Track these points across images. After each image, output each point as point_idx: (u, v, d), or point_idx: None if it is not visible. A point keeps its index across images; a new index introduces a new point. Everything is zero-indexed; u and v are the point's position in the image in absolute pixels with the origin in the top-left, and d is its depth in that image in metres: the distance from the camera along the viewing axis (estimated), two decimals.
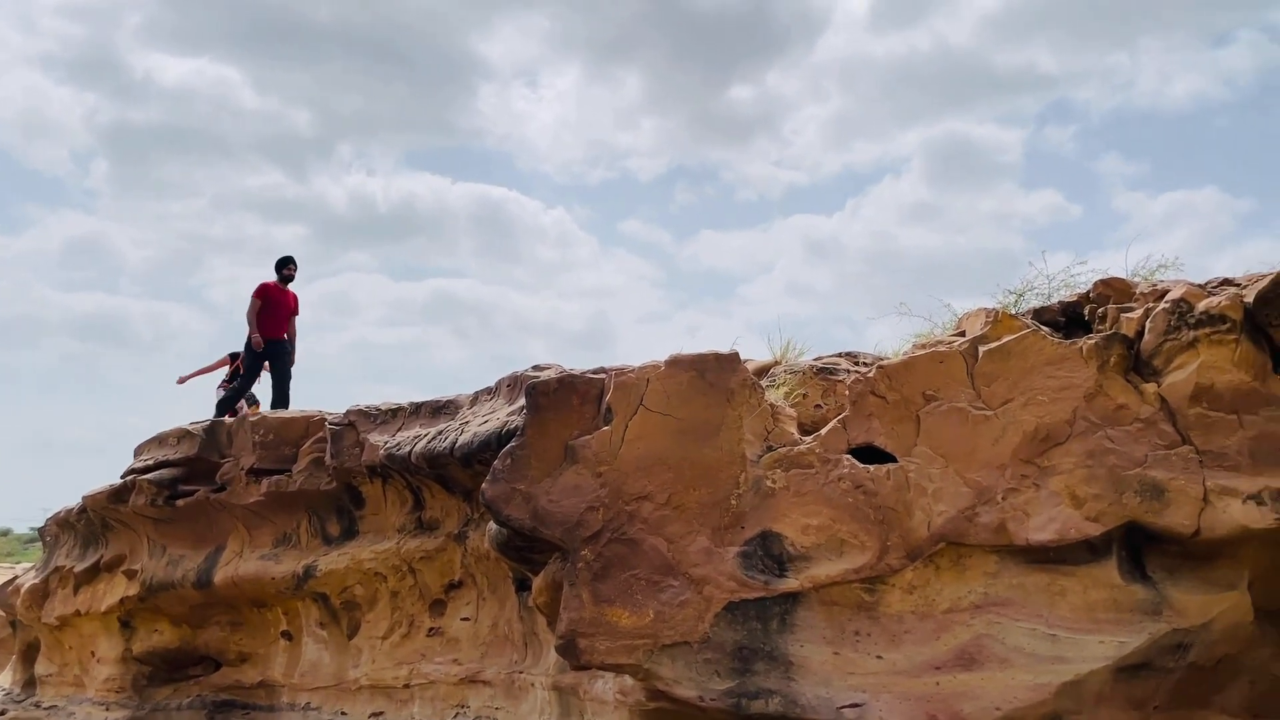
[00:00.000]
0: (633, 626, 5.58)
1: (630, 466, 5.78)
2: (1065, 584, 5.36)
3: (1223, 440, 5.29)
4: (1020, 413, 5.60)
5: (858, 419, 5.85)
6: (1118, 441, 5.43)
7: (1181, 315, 5.53)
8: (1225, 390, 5.36)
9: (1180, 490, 5.25)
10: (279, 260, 12.16)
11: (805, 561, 5.60)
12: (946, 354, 5.86)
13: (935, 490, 5.58)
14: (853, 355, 6.90)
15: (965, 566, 5.52)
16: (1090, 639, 5.22)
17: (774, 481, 5.74)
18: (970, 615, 5.40)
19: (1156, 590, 5.32)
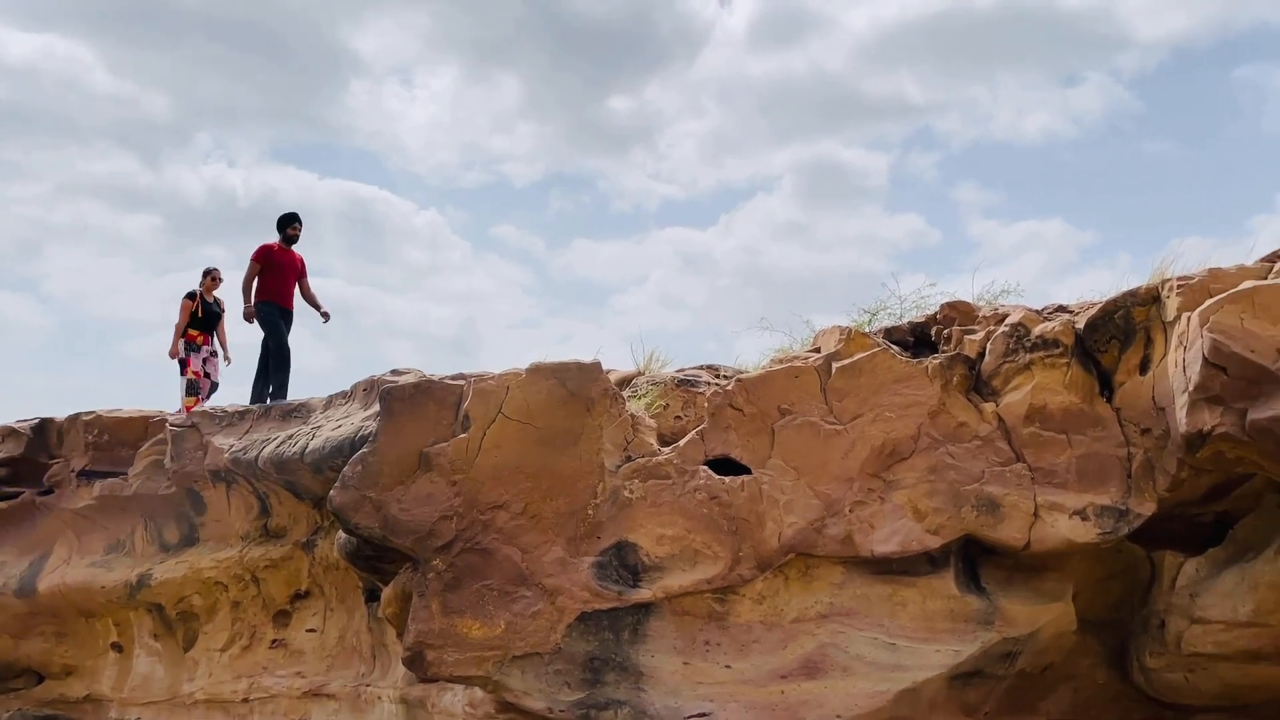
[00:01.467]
0: (483, 638, 5.49)
1: (486, 475, 5.69)
2: (906, 594, 5.55)
3: (1053, 458, 5.59)
4: (869, 428, 5.78)
5: (715, 431, 5.93)
6: (958, 458, 5.66)
7: (1019, 339, 5.82)
8: (1056, 411, 5.66)
9: (1013, 505, 5.52)
10: (282, 218, 10.27)
11: (659, 572, 5.62)
12: (802, 369, 6.00)
13: (787, 502, 5.69)
14: (714, 368, 6.99)
15: (813, 577, 5.65)
16: (927, 648, 5.42)
17: (631, 492, 5.75)
18: (816, 625, 5.53)
19: (990, 601, 5.56)
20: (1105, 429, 5.61)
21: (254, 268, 9.87)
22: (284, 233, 10.11)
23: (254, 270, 9.85)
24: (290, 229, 10.16)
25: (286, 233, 10.11)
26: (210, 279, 10.80)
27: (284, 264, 9.97)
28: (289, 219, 10.24)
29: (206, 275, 10.87)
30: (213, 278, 10.84)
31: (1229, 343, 5.05)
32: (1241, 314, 5.12)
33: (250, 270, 9.90)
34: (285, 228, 10.15)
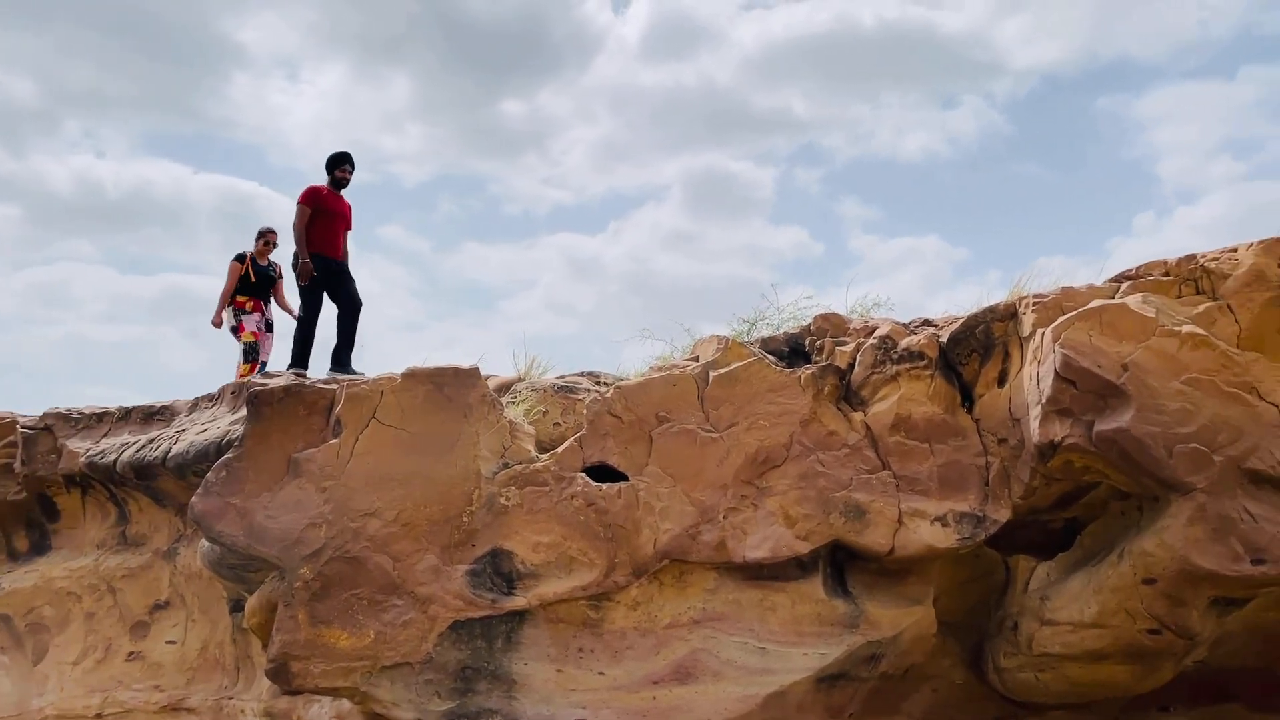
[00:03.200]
0: (351, 648, 5.37)
1: (358, 482, 5.57)
2: (776, 599, 5.66)
3: (916, 466, 5.79)
4: (744, 436, 5.88)
5: (594, 438, 5.94)
6: (828, 465, 5.81)
7: (886, 351, 6.02)
8: (920, 421, 5.87)
9: (879, 512, 5.69)
10: (332, 157, 8.79)
11: (534, 579, 5.60)
12: (680, 378, 6.06)
13: (663, 509, 5.74)
14: (594, 375, 7.01)
15: (687, 583, 5.71)
16: (795, 651, 5.54)
17: (508, 499, 5.72)
18: (689, 630, 5.59)
19: (856, 605, 5.73)
20: (965, 439, 5.85)
21: (304, 212, 8.33)
22: (333, 175, 8.63)
23: (304, 215, 8.32)
24: (340, 171, 8.64)
25: (336, 175, 8.63)
26: (264, 242, 9.43)
27: (333, 211, 8.54)
28: (340, 159, 8.74)
29: (260, 237, 9.49)
30: (266, 240, 9.44)
31: (1078, 358, 5.34)
32: (1090, 331, 5.42)
33: (300, 216, 8.36)
34: (335, 169, 8.65)
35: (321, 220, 8.38)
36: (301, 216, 8.27)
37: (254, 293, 9.15)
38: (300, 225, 8.28)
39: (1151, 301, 5.55)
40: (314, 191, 8.45)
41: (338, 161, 8.68)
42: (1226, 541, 5.06)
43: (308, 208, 8.31)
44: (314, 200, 8.38)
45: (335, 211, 8.53)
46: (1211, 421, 5.17)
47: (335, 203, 8.55)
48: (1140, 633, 5.33)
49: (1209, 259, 5.64)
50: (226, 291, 9.13)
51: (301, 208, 8.32)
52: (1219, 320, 5.43)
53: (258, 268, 9.24)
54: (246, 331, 9.03)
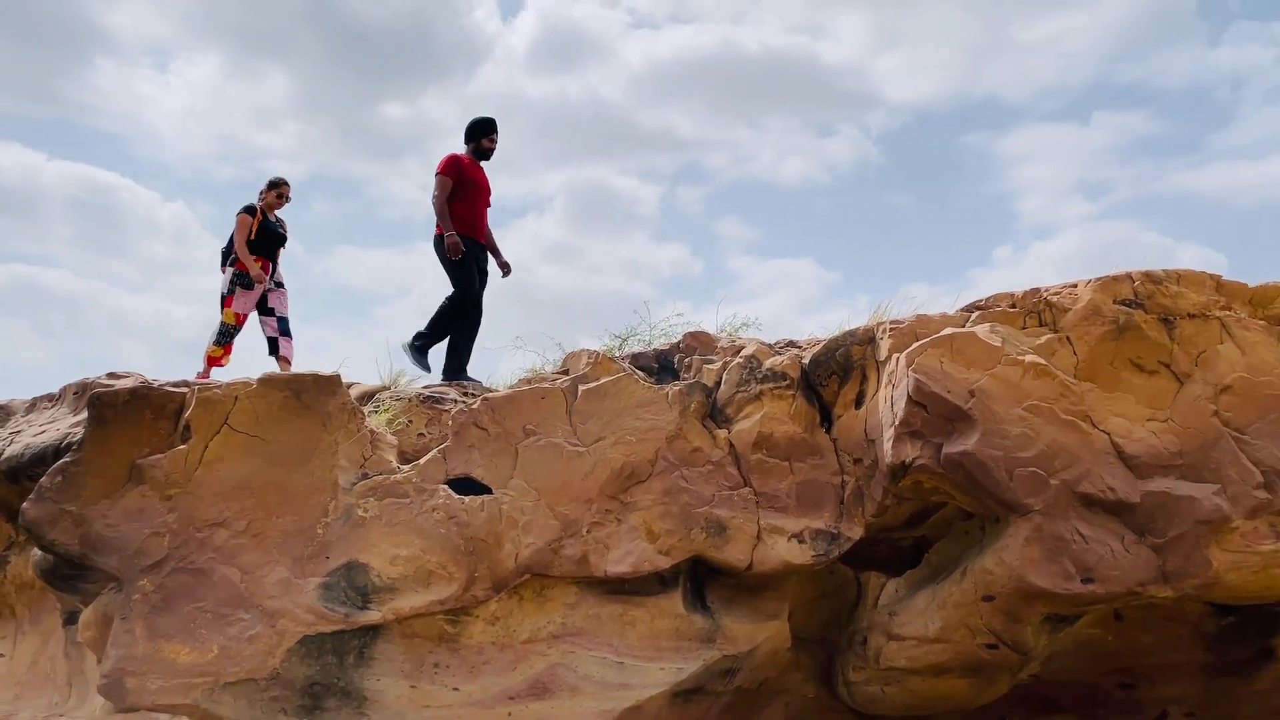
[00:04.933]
0: (192, 663, 5.14)
1: (207, 490, 5.35)
2: (636, 614, 5.69)
3: (776, 484, 5.92)
4: (610, 450, 5.90)
5: (458, 450, 5.86)
6: (691, 481, 5.89)
7: (752, 370, 6.15)
8: (782, 439, 6.01)
9: (739, 528, 5.79)
10: (476, 124, 7.63)
11: (390, 593, 5.48)
12: (549, 390, 6.05)
13: (526, 523, 5.71)
14: (462, 385, 6.92)
15: (547, 597, 5.69)
16: (652, 666, 5.57)
17: (366, 510, 5.58)
18: (547, 645, 5.57)
19: (714, 620, 5.81)
20: (823, 458, 6.01)
21: (446, 183, 7.31)
22: (478, 143, 7.60)
23: (446, 188, 7.29)
24: (487, 139, 7.61)
25: (481, 144, 7.60)
26: (277, 194, 8.29)
27: (476, 184, 7.53)
28: (487, 125, 7.64)
29: (273, 187, 8.32)
30: (280, 193, 8.31)
31: (929, 383, 5.56)
32: (942, 357, 5.66)
33: (442, 187, 7.31)
34: (481, 136, 7.60)
35: (464, 195, 7.41)
36: (443, 189, 7.30)
37: (261, 252, 8.07)
38: (443, 199, 7.29)
39: (999, 331, 5.83)
40: (456, 161, 7.45)
41: (485, 128, 7.63)
42: (1059, 561, 5.34)
43: (449, 179, 7.33)
44: (456, 171, 7.38)
45: (479, 184, 7.55)
46: (1049, 447, 5.45)
47: (478, 174, 7.57)
48: (979, 647, 5.57)
49: (1051, 293, 5.97)
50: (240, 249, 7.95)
51: (442, 179, 7.33)
52: (1059, 351, 5.74)
53: (267, 222, 8.16)
54: (232, 309, 7.95)
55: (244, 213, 8.09)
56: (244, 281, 7.95)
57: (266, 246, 8.10)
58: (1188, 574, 5.30)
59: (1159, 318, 5.71)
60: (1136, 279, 5.80)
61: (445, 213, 7.26)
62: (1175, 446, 5.47)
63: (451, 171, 7.34)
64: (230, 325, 7.95)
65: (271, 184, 8.29)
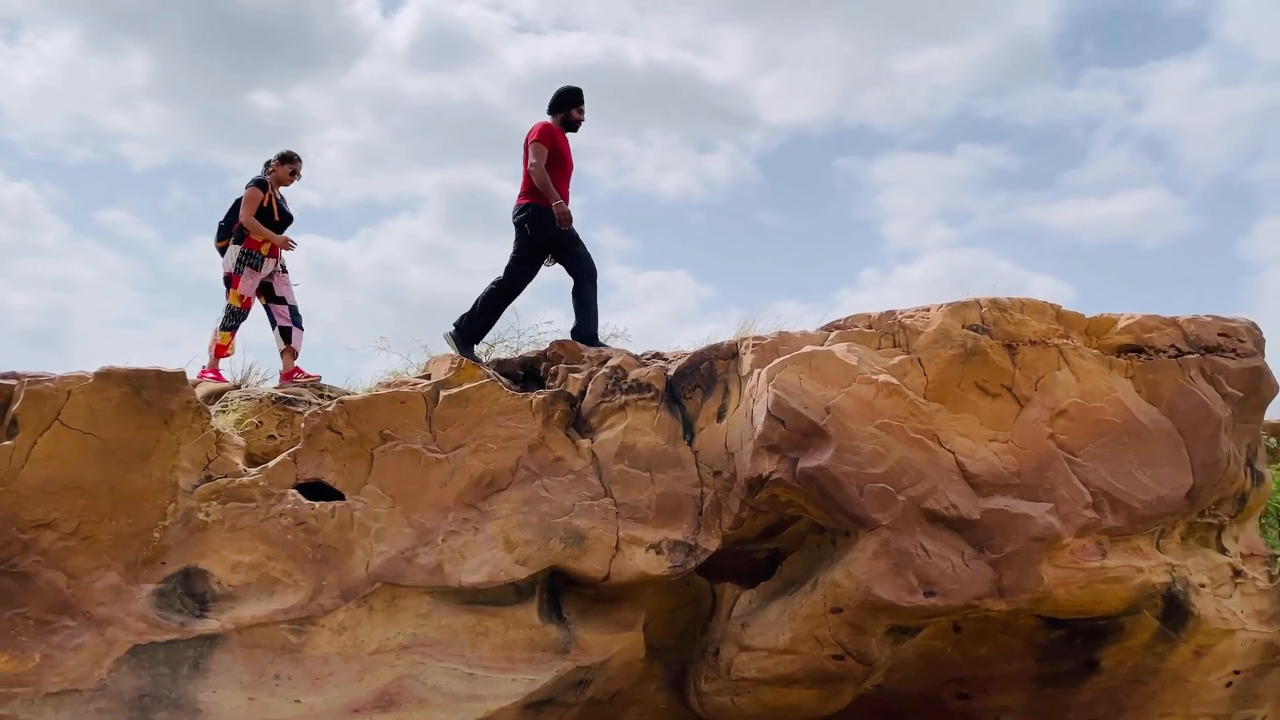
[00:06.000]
0: (12, 672, 4.82)
1: (33, 489, 5.04)
2: (490, 624, 5.61)
3: (637, 495, 5.94)
4: (470, 458, 5.82)
5: (310, 453, 5.68)
6: (552, 491, 5.85)
7: (617, 381, 6.16)
8: (644, 450, 6.03)
9: (598, 538, 5.78)
10: (568, 93, 7.19)
11: (231, 601, 5.26)
12: (409, 395, 5.92)
13: (379, 530, 5.57)
14: (318, 387, 6.72)
15: (399, 607, 5.55)
16: (504, 677, 5.50)
17: (207, 514, 5.35)
18: (396, 656, 5.43)
19: (568, 630, 5.78)
20: (684, 469, 6.06)
21: (543, 151, 6.90)
22: (567, 113, 7.20)
23: (544, 155, 6.89)
24: (576, 110, 7.21)
25: (570, 114, 7.21)
26: (290, 170, 7.55)
27: (564, 156, 7.14)
28: (578, 96, 7.23)
29: (285, 161, 7.57)
30: (293, 169, 7.58)
31: (788, 398, 5.69)
32: (801, 374, 5.79)
33: (539, 154, 6.89)
34: (571, 107, 7.20)
35: (553, 166, 7.00)
36: (541, 156, 6.90)
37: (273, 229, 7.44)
38: (541, 166, 6.87)
39: (855, 350, 6.00)
40: (550, 130, 7.06)
41: (575, 99, 7.23)
42: (904, 575, 5.52)
43: (545, 147, 6.94)
44: (551, 139, 7.00)
45: (566, 157, 7.16)
46: (898, 464, 5.64)
47: (566, 146, 7.18)
48: (826, 658, 5.71)
49: (906, 316, 6.19)
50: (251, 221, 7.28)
51: (539, 146, 6.93)
52: (910, 372, 5.95)
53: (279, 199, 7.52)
54: (238, 290, 7.29)
55: (254, 186, 7.42)
56: (252, 261, 7.34)
57: (273, 225, 7.47)
58: (1021, 588, 5.56)
59: (1003, 343, 5.98)
60: (984, 306, 6.06)
61: (548, 182, 6.91)
62: (1014, 466, 5.74)
63: (548, 139, 7.02)
64: (237, 309, 7.33)
65: (284, 158, 7.60)
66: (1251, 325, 6.34)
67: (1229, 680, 6.16)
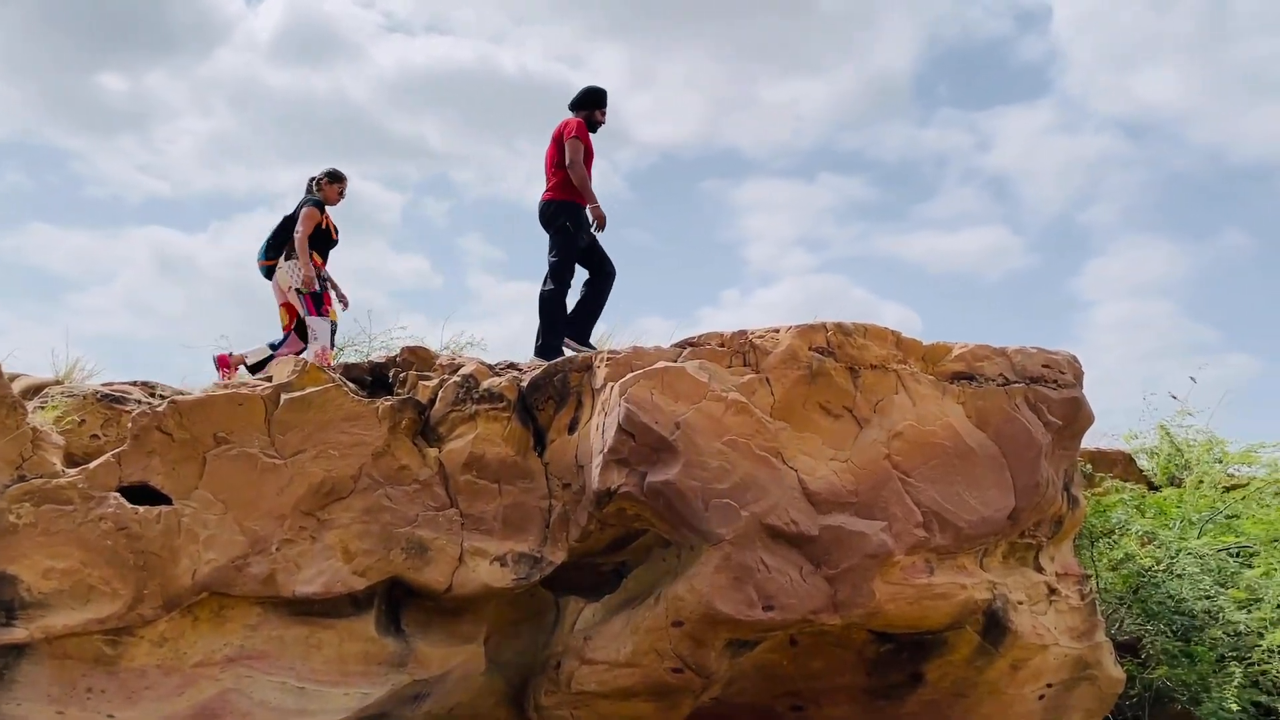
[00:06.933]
0: None
1: None
2: (324, 636, 5.44)
3: (483, 506, 5.87)
4: (310, 464, 5.64)
5: (137, 455, 5.39)
6: (395, 500, 5.72)
7: (468, 390, 6.08)
8: (493, 461, 5.97)
9: (441, 549, 5.69)
10: (594, 93, 7.24)
11: (42, 609, 4.93)
12: (247, 397, 5.70)
13: (208, 537, 5.32)
14: (149, 385, 6.38)
15: (226, 618, 5.32)
16: (336, 691, 5.34)
17: (19, 516, 5.02)
18: (221, 669, 5.20)
19: (407, 643, 5.65)
20: (533, 481, 6.03)
21: (580, 148, 6.93)
22: (590, 113, 7.27)
23: (580, 151, 6.92)
24: (600, 112, 7.30)
25: (594, 114, 7.29)
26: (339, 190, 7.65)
27: (591, 155, 7.14)
28: (601, 97, 7.29)
29: (334, 180, 7.67)
30: (341, 189, 7.69)
31: (639, 413, 5.73)
32: (653, 389, 5.85)
33: (578, 151, 6.90)
34: (594, 107, 7.28)
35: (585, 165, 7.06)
36: (579, 153, 6.90)
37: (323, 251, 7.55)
38: (581, 163, 6.90)
39: (707, 368, 6.10)
40: (585, 127, 7.09)
41: (600, 100, 7.30)
42: (744, 589, 5.63)
43: (582, 143, 6.96)
44: (586, 138, 7.02)
45: (591, 155, 7.15)
46: (743, 480, 5.75)
47: (591, 146, 7.18)
48: (666, 671, 5.76)
49: (756, 336, 6.33)
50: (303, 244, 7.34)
51: (577, 142, 6.93)
52: (758, 391, 6.09)
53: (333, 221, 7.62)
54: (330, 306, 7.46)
55: (313, 206, 7.50)
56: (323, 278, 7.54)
57: (322, 245, 7.61)
58: (855, 603, 5.75)
59: (846, 366, 6.19)
60: (830, 329, 6.26)
61: (587, 180, 7.00)
62: (852, 485, 5.94)
63: (585, 136, 7.06)
64: (335, 323, 7.52)
65: (333, 176, 7.70)
66: (1072, 358, 6.76)
67: (1041, 693, 6.52)
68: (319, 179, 7.71)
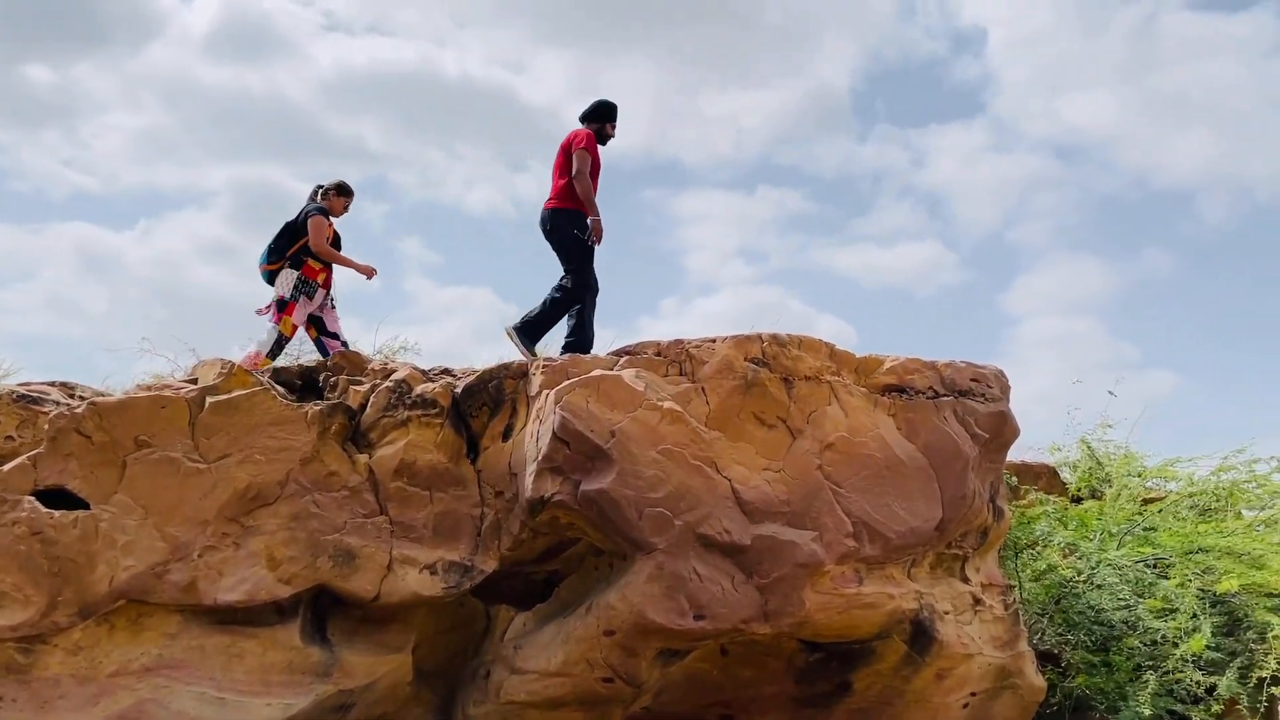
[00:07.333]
0: None
1: None
2: (246, 646, 5.32)
3: (414, 513, 5.80)
4: (235, 469, 5.51)
5: (54, 458, 5.23)
6: (323, 506, 5.62)
7: (401, 395, 6.01)
8: (424, 468, 5.90)
9: (370, 557, 5.60)
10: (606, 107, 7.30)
11: None
12: (170, 400, 5.55)
13: (127, 543, 5.17)
14: (69, 386, 6.19)
15: (144, 626, 5.17)
16: (258, 702, 5.22)
17: None
18: (138, 679, 5.05)
19: (332, 653, 5.54)
20: (465, 489, 5.97)
21: (587, 160, 6.99)
22: (601, 126, 7.31)
23: (587, 162, 6.97)
24: (610, 125, 7.36)
25: (605, 128, 7.33)
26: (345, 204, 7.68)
27: (599, 167, 7.17)
28: (612, 111, 7.37)
29: (343, 194, 7.69)
30: (347, 203, 7.72)
31: (575, 421, 5.71)
32: (588, 397, 5.83)
33: (585, 162, 6.96)
34: (605, 120, 7.33)
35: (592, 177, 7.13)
36: (585, 164, 6.98)
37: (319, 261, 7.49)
38: (587, 175, 6.95)
39: (643, 377, 6.11)
40: (594, 139, 7.16)
41: (611, 114, 7.38)
42: (676, 598, 5.64)
43: (590, 156, 7.03)
44: (596, 148, 7.12)
45: (599, 169, 7.20)
46: (677, 489, 5.77)
47: (599, 159, 7.24)
48: (596, 681, 5.74)
49: (693, 345, 6.36)
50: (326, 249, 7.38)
51: (585, 154, 7.00)
52: (694, 400, 6.11)
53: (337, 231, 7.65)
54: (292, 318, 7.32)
55: (319, 214, 7.51)
56: (308, 289, 7.43)
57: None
58: (785, 613, 5.79)
59: (781, 377, 6.24)
60: (765, 340, 6.32)
61: (591, 192, 7.05)
62: (784, 495, 5.98)
63: (594, 148, 7.14)
64: (286, 336, 7.36)
65: (342, 190, 7.74)
66: (999, 372, 6.91)
67: (966, 701, 6.64)
68: (327, 190, 7.76)
